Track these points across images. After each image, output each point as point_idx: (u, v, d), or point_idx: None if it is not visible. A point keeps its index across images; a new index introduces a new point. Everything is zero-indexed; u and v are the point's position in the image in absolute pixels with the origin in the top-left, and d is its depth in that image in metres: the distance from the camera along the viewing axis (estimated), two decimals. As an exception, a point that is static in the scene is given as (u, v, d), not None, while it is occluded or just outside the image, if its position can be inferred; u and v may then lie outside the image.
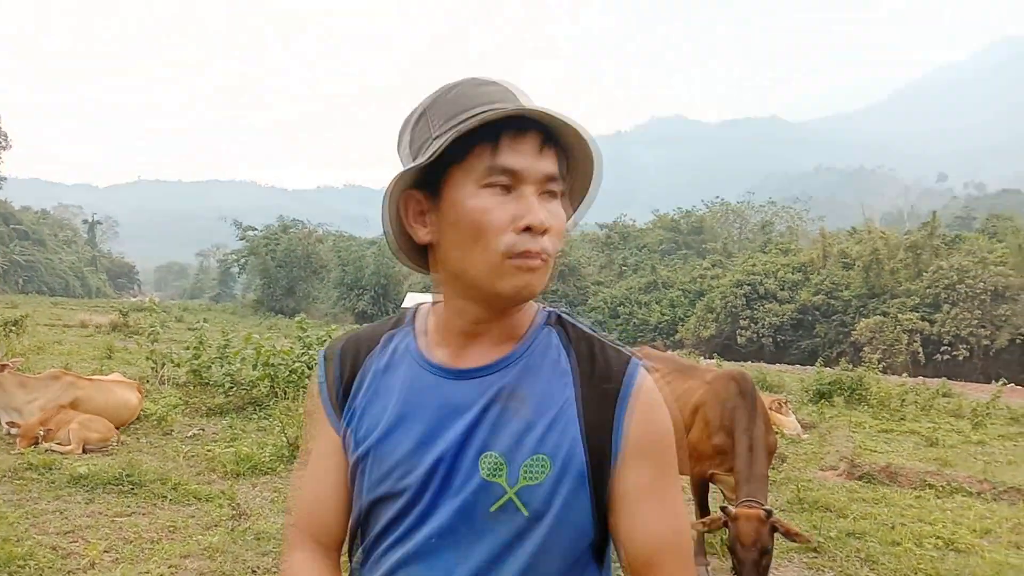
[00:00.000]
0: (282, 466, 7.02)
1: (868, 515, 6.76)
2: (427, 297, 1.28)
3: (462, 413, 1.10)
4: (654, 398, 1.11)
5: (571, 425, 1.08)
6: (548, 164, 1.06)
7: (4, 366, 7.71)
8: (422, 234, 1.12)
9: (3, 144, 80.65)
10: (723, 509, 3.85)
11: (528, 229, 1.03)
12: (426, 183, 1.09)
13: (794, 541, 3.78)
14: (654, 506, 1.08)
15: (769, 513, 3.74)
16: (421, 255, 1.17)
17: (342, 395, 1.19)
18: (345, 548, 1.25)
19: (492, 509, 1.06)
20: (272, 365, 9.80)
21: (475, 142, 1.03)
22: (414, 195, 1.11)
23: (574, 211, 1.16)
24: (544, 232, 1.04)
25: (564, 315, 1.20)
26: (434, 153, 1.04)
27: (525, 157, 1.04)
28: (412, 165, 1.07)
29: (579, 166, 1.11)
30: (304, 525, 1.22)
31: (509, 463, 1.06)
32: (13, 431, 7.30)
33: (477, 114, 1.02)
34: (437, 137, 1.05)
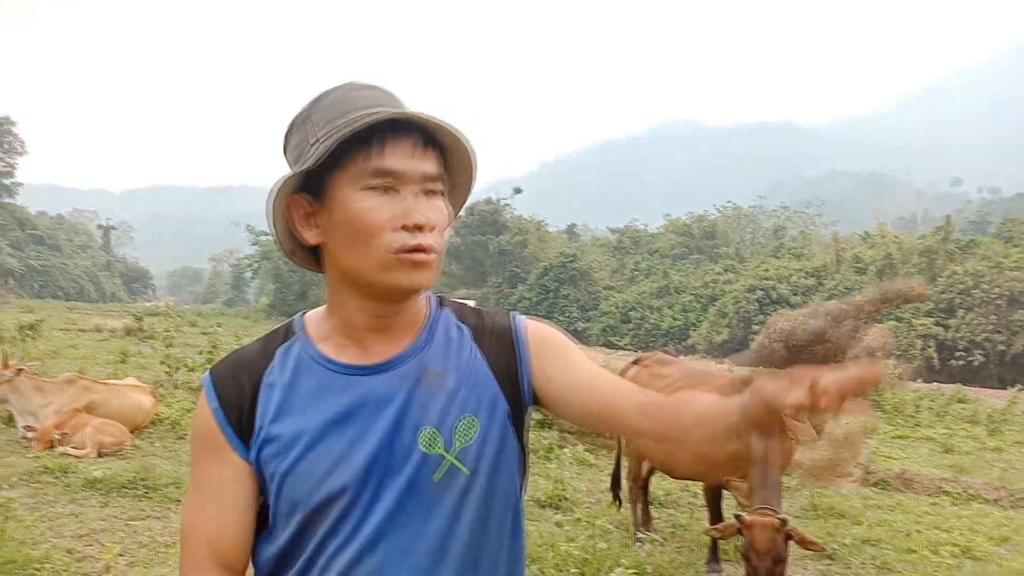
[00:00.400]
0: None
1: (883, 522, 6.71)
2: None
3: (387, 403, 1.15)
4: (537, 325, 1.29)
5: (487, 379, 1.20)
6: (427, 164, 1.11)
7: (20, 370, 7.77)
8: (309, 236, 1.15)
9: (19, 150, 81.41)
10: (737, 517, 3.82)
11: (414, 227, 1.09)
12: (311, 187, 1.12)
13: (809, 550, 3.76)
14: (571, 361, 1.24)
15: (784, 521, 3.71)
16: (315, 256, 1.20)
17: (246, 419, 1.17)
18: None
19: (436, 478, 1.14)
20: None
21: (357, 146, 1.07)
22: (299, 199, 1.14)
23: (457, 207, 1.26)
24: (428, 229, 1.10)
25: (444, 297, 1.33)
26: (318, 159, 1.07)
27: (405, 159, 1.09)
28: (295, 170, 1.10)
29: (459, 164, 1.18)
30: (208, 555, 1.18)
31: (443, 431, 1.15)
32: (29, 435, 7.36)
33: (358, 118, 1.06)
34: (318, 142, 1.09)
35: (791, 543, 3.75)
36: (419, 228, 1.09)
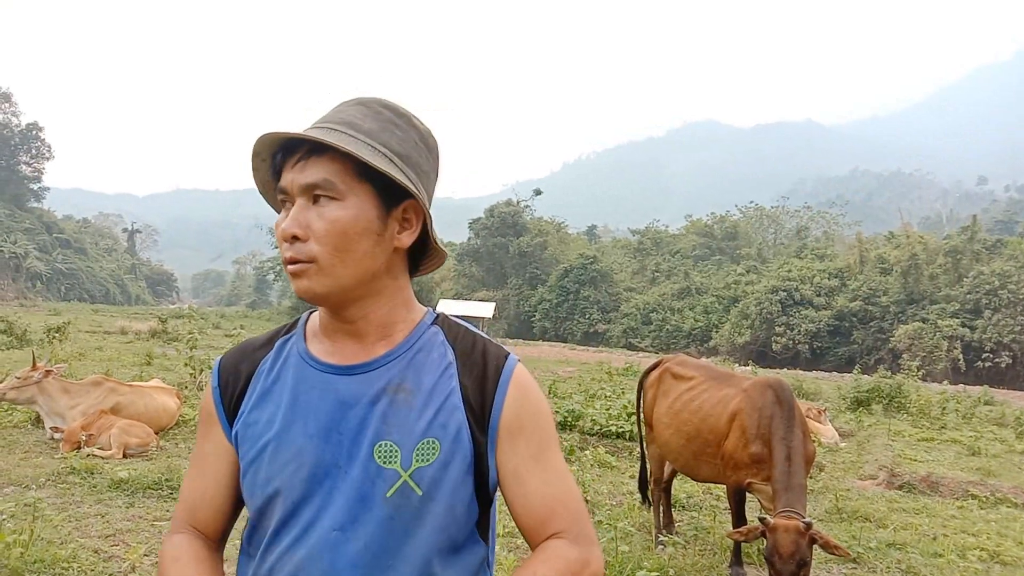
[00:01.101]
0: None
1: (909, 526, 6.63)
2: (459, 304, 1.34)
3: (352, 407, 1.17)
4: (527, 383, 1.24)
5: (457, 411, 1.18)
6: (310, 174, 1.13)
7: (48, 372, 7.88)
8: None
9: (46, 155, 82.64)
10: (761, 520, 3.79)
11: (283, 239, 1.14)
12: None
13: (832, 554, 3.72)
14: (539, 473, 1.20)
15: (808, 525, 3.68)
16: None
17: (235, 401, 1.26)
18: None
19: (388, 495, 1.14)
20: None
21: (276, 170, 1.19)
22: None
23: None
24: (301, 239, 1.13)
25: (446, 316, 1.32)
26: (259, 187, 1.25)
27: (289, 174, 1.15)
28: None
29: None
30: (187, 516, 1.29)
31: (402, 448, 1.15)
32: (56, 435, 7.46)
33: (255, 151, 1.19)
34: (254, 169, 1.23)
35: (815, 547, 3.72)
36: (288, 239, 1.14)
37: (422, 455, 1.15)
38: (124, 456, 7.14)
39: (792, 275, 46.89)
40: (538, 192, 66.18)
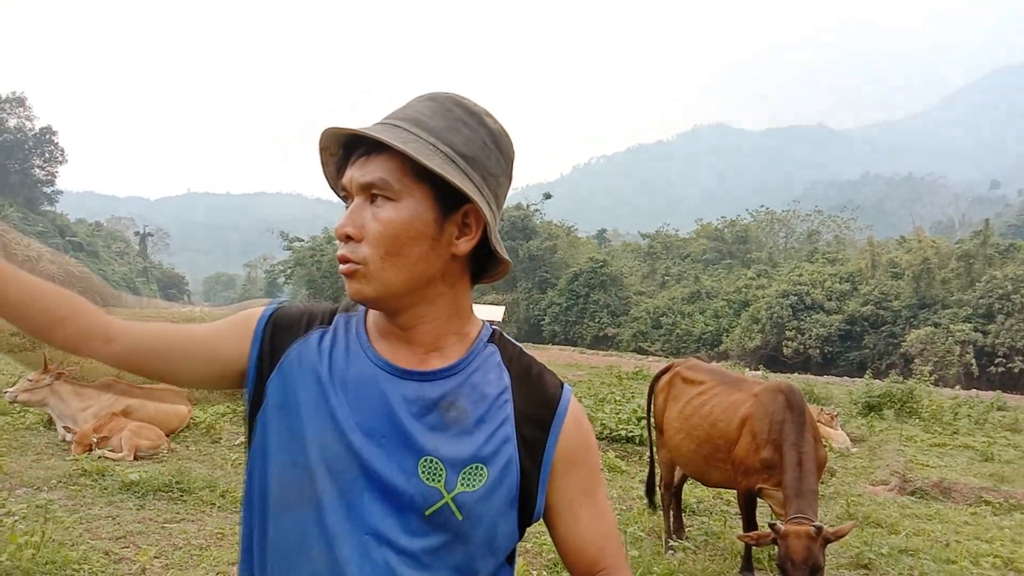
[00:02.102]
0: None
1: (921, 532, 6.59)
2: (486, 309, 1.31)
3: (401, 412, 1.10)
4: (581, 415, 1.22)
5: (510, 440, 1.13)
6: (368, 172, 1.09)
7: (60, 374, 7.92)
8: None
9: (59, 158, 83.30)
10: (772, 526, 3.77)
11: (338, 238, 1.11)
12: None
13: (841, 537, 3.75)
14: (590, 508, 1.20)
15: (819, 529, 3.66)
16: None
17: (277, 351, 1.18)
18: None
19: (427, 513, 1.08)
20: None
21: (338, 166, 1.16)
22: None
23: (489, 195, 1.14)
24: (356, 239, 1.09)
25: (501, 333, 1.25)
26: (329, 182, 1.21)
27: (350, 171, 1.11)
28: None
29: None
30: (151, 328, 1.25)
31: (447, 469, 1.09)
32: (68, 436, 7.51)
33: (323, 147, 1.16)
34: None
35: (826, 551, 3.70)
36: (343, 238, 1.10)
37: (468, 479, 1.09)
38: (135, 458, 7.17)
39: (803, 279, 46.73)
40: (548, 196, 66.30)
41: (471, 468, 1.10)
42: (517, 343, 1.25)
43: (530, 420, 1.16)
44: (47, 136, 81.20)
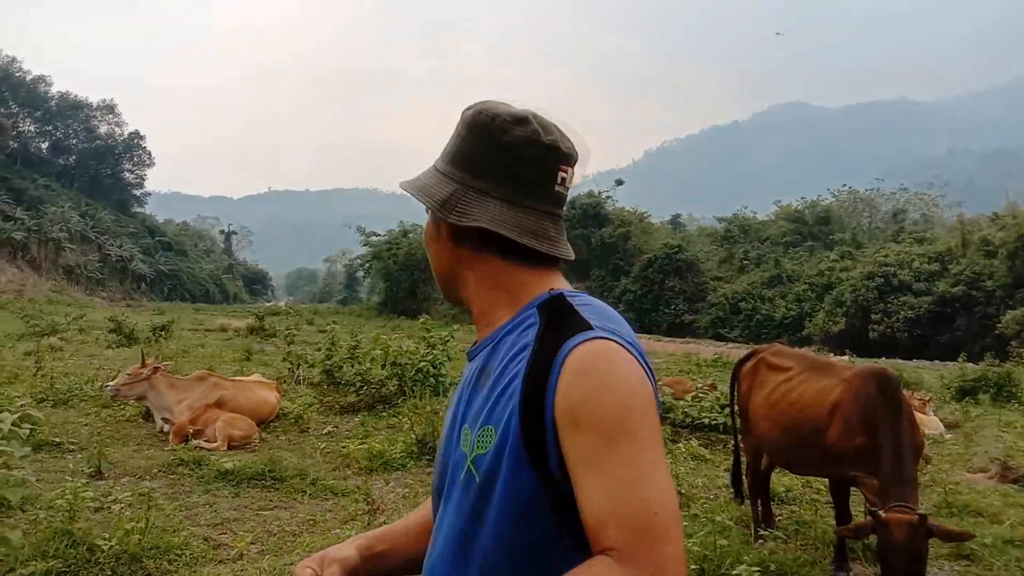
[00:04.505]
0: (412, 463, 7.20)
1: (1027, 521, 6.27)
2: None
3: (465, 392, 1.24)
4: (589, 367, 1.06)
5: (513, 397, 1.10)
6: None
7: (156, 368, 8.27)
8: None
9: (147, 162, 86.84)
10: (872, 514, 3.64)
11: None
12: None
13: (953, 540, 3.56)
14: (595, 478, 1.02)
15: (924, 518, 3.52)
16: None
17: None
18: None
19: (461, 477, 1.16)
20: (399, 365, 10.08)
21: None
22: None
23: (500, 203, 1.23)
24: None
25: (563, 295, 1.19)
26: None
27: None
28: None
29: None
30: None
31: (472, 432, 1.15)
32: (166, 427, 7.84)
33: None
34: None
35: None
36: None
37: (481, 442, 1.13)
38: (229, 448, 7.43)
39: (889, 260, 45.02)
40: (620, 182, 65.51)
41: (483, 430, 1.13)
42: (587, 303, 1.19)
43: (534, 373, 1.09)
44: (135, 141, 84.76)
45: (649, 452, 1.04)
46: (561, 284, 1.24)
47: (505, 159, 1.21)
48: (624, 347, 1.10)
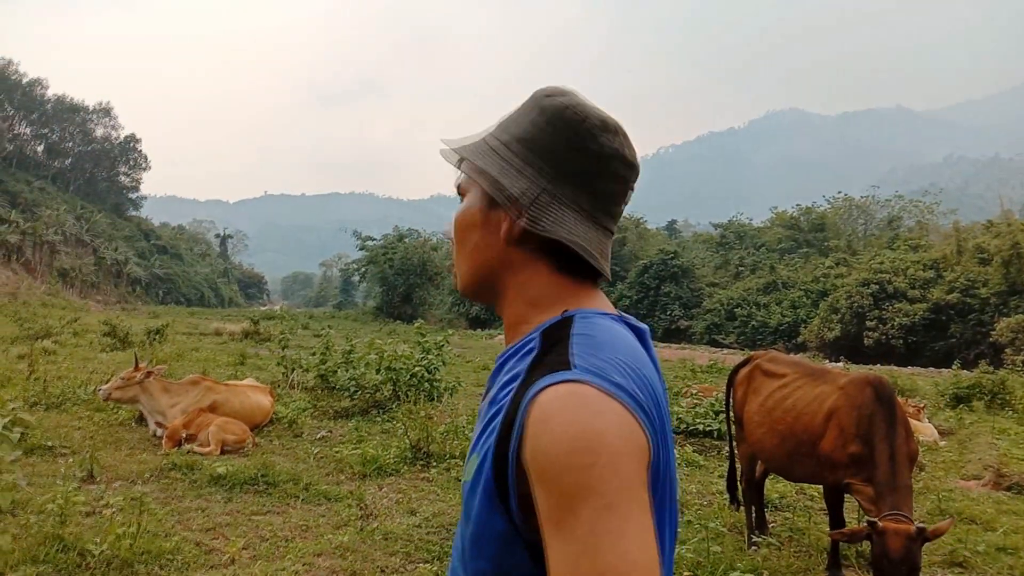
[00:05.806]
0: (406, 468, 7.18)
1: (1020, 529, 6.27)
2: None
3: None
4: (551, 416, 0.91)
5: (494, 433, 0.98)
6: (458, 177, 1.20)
7: (149, 372, 8.24)
8: None
9: (143, 166, 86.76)
10: (870, 523, 3.63)
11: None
12: None
13: (940, 535, 3.59)
14: (555, 540, 0.88)
15: (921, 531, 3.51)
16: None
17: None
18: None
19: (463, 505, 1.07)
20: (394, 369, 10.06)
21: None
22: None
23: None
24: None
25: (574, 317, 1.07)
26: None
27: None
28: None
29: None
30: None
31: (469, 458, 1.06)
32: (159, 432, 7.81)
33: None
34: None
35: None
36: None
37: (468, 469, 1.03)
38: (222, 452, 7.40)
39: (884, 267, 45.13)
40: (616, 188, 65.68)
41: (472, 458, 1.03)
42: (589, 328, 1.06)
43: (510, 411, 0.96)
44: (131, 144, 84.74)
45: (615, 512, 0.87)
46: (598, 301, 1.12)
47: (591, 168, 1.11)
48: (602, 390, 0.92)
